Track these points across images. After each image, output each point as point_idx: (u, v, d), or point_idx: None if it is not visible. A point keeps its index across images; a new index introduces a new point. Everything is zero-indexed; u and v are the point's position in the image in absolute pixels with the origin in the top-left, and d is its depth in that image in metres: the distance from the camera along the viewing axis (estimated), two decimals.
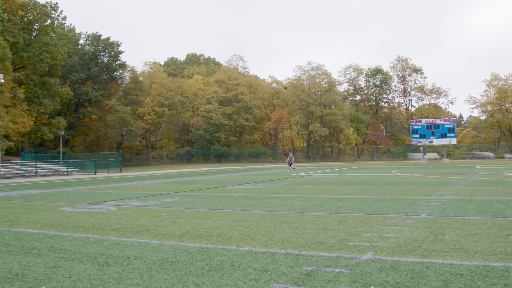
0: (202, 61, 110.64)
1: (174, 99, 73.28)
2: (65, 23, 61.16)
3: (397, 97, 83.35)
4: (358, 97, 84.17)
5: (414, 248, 5.59)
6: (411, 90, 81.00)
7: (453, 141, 53.88)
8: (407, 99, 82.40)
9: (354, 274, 4.47)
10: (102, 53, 66.62)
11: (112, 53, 66.49)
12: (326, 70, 75.20)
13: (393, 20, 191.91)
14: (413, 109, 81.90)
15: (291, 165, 37.63)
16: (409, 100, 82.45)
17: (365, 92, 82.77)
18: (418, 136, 54.26)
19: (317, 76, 74.76)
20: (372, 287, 4.03)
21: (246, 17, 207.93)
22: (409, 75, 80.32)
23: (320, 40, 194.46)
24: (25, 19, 48.48)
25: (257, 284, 4.20)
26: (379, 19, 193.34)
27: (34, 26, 49.66)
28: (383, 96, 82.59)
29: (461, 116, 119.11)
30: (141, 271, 4.79)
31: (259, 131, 79.16)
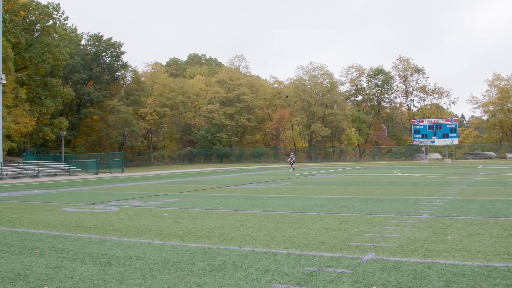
0: (203, 61, 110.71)
1: (176, 99, 73.34)
2: (67, 24, 61.39)
3: (399, 97, 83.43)
4: (360, 97, 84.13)
5: (416, 248, 5.58)
6: (413, 90, 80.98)
7: (455, 141, 53.77)
8: (409, 99, 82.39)
9: (356, 274, 4.47)
10: (104, 54, 66.72)
11: (114, 53, 66.57)
12: (328, 70, 75.24)
13: (395, 20, 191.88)
14: (415, 109, 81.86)
15: (292, 165, 37.65)
16: (411, 100, 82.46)
17: (367, 92, 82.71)
18: (420, 136, 54.17)
19: (319, 76, 74.73)
20: (374, 287, 4.02)
21: (247, 17, 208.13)
22: (411, 75, 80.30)
23: (321, 40, 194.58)
24: (27, 20, 48.58)
25: (259, 284, 4.20)
26: (380, 19, 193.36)
27: (36, 27, 49.74)
28: (385, 96, 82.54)
29: (463, 116, 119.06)
30: (143, 271, 4.79)
31: (261, 131, 79.15)
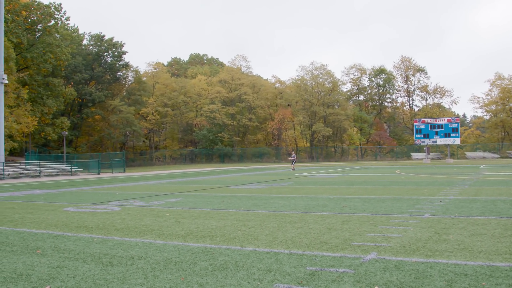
0: (205, 61, 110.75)
1: (178, 99, 73.37)
2: (68, 24, 61.47)
3: (401, 96, 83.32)
4: (361, 97, 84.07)
5: (418, 248, 5.58)
6: (415, 89, 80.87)
7: (457, 141, 53.66)
8: (410, 98, 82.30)
9: (358, 274, 4.47)
10: (105, 54, 66.78)
11: (116, 53, 66.63)
12: (329, 70, 75.21)
13: (396, 20, 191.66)
14: (416, 109, 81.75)
15: (293, 164, 37.66)
16: (413, 99, 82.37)
17: (369, 92, 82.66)
18: (422, 136, 54.07)
19: (321, 76, 74.71)
20: (376, 287, 4.02)
21: (249, 17, 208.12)
22: (413, 75, 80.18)
23: (323, 40, 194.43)
24: (29, 20, 48.66)
25: (261, 284, 4.20)
26: (382, 19, 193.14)
27: (38, 27, 49.83)
28: (387, 96, 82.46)
29: (464, 115, 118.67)
30: (145, 271, 4.79)
31: (263, 131, 79.12)
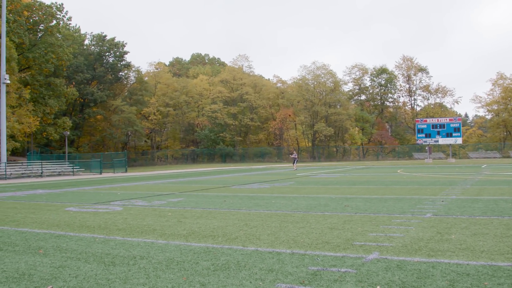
0: (207, 61, 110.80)
1: (179, 99, 73.41)
2: (70, 24, 61.45)
3: (402, 96, 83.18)
4: (363, 97, 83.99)
5: (420, 248, 5.57)
6: (416, 89, 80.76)
7: (459, 141, 53.56)
8: (412, 98, 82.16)
9: (360, 273, 4.46)
10: (107, 54, 66.89)
11: (117, 53, 66.74)
12: (331, 70, 75.15)
13: (398, 19, 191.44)
14: (418, 109, 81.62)
15: (295, 163, 37.63)
16: (415, 99, 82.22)
17: (370, 91, 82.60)
18: (424, 135, 54.00)
19: (322, 75, 74.64)
20: (378, 287, 4.02)
21: (250, 17, 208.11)
22: (414, 75, 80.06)
23: (325, 40, 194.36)
24: (31, 20, 48.73)
25: (263, 284, 4.20)
26: (384, 18, 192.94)
27: (40, 27, 49.91)
28: (388, 96, 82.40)
29: (466, 115, 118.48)
30: (147, 270, 4.79)
31: (264, 131, 79.10)
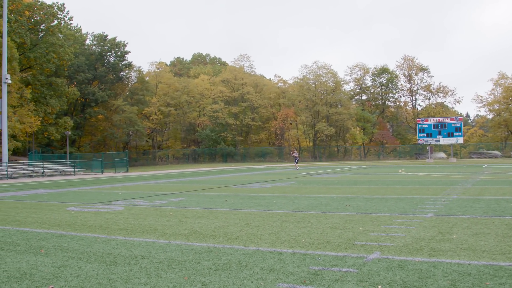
0: (208, 61, 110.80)
1: (180, 99, 73.42)
2: (71, 24, 61.52)
3: (404, 96, 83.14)
4: (364, 96, 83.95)
5: (422, 248, 5.56)
6: (418, 89, 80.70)
7: (460, 140, 53.50)
8: (413, 98, 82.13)
9: (361, 273, 4.46)
10: (108, 53, 66.88)
11: (119, 53, 66.73)
12: (332, 70, 75.03)
13: (399, 19, 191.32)
14: (419, 108, 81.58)
15: (297, 162, 37.64)
16: (416, 99, 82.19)
17: (372, 91, 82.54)
18: (425, 135, 53.95)
19: (323, 75, 74.58)
20: (380, 287, 4.01)
21: (252, 17, 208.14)
22: (416, 74, 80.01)
23: (326, 40, 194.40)
24: (32, 20, 48.74)
25: (264, 284, 4.20)
26: (385, 18, 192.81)
27: (41, 27, 49.91)
28: (390, 95, 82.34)
29: (467, 115, 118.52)
30: (148, 270, 4.80)
31: (265, 130, 79.07)
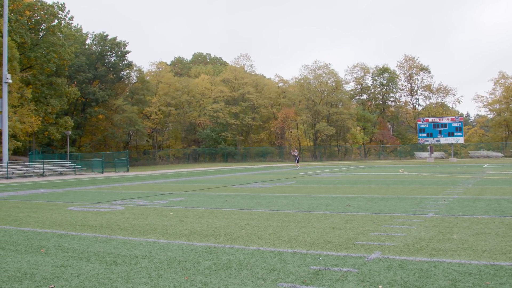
0: (208, 60, 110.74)
1: (181, 98, 73.41)
2: (72, 23, 61.51)
3: (404, 96, 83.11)
4: (365, 96, 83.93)
5: (422, 247, 5.56)
6: (418, 89, 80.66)
7: (460, 140, 53.46)
8: (414, 98, 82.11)
9: (362, 273, 4.46)
10: (109, 53, 66.86)
11: (119, 53, 66.70)
12: (332, 69, 75.02)
13: (400, 19, 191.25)
14: (420, 108, 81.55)
15: (298, 162, 37.64)
16: (416, 99, 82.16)
17: (372, 91, 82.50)
18: (425, 135, 53.91)
19: (324, 75, 74.56)
20: (380, 286, 4.01)
21: (252, 16, 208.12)
22: (416, 74, 79.97)
23: (326, 39, 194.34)
24: (33, 20, 48.73)
25: (264, 283, 4.20)
26: (385, 18, 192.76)
27: (41, 27, 49.90)
28: (390, 95, 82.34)
29: (468, 114, 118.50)
30: (149, 270, 4.80)
31: (266, 130, 79.05)
